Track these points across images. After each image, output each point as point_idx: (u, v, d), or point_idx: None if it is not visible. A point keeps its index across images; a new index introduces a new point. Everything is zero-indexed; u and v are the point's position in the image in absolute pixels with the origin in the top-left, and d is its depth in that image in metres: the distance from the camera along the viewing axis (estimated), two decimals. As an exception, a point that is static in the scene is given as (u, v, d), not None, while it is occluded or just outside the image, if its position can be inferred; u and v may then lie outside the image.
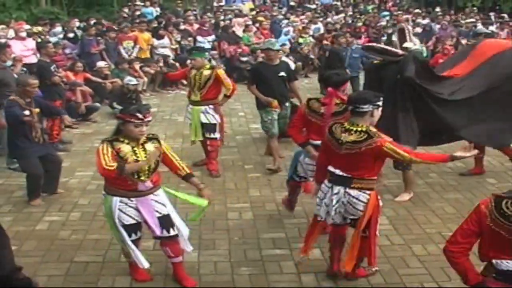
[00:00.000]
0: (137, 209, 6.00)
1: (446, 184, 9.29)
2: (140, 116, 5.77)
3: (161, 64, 17.52)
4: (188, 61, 14.14)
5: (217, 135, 9.98)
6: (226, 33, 20.18)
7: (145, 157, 5.91)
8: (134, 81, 14.57)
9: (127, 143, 5.90)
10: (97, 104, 14.39)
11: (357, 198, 5.85)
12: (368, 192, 5.86)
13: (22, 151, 8.49)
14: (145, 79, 16.79)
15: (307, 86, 17.21)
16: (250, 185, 9.46)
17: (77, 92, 13.62)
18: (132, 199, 5.98)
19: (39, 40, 14.98)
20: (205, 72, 9.72)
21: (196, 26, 20.78)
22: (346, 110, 6.43)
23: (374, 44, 9.72)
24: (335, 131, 5.92)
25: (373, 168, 5.89)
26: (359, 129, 5.77)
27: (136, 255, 6.04)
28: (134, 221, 6.01)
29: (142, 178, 5.95)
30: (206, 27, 20.50)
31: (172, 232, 6.12)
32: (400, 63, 8.35)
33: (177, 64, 17.47)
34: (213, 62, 17.56)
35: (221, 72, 10.02)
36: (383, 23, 23.85)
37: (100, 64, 15.89)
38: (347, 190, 5.88)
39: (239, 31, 20.86)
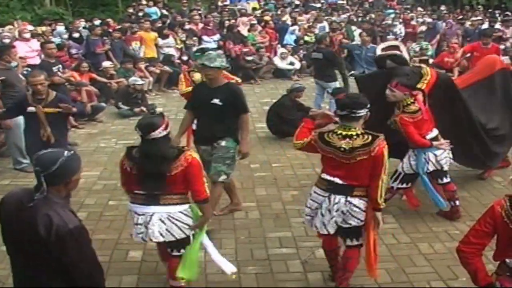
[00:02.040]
0: None
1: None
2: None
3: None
4: (191, 61, 14.20)
5: None
6: (232, 32, 20.18)
7: None
8: (139, 81, 14.60)
9: None
10: (103, 104, 14.40)
11: (358, 207, 5.65)
12: (366, 199, 5.67)
13: (28, 148, 8.47)
14: (151, 78, 16.81)
15: (312, 85, 17.12)
16: (256, 184, 9.46)
17: (82, 92, 13.63)
18: None
19: (43, 40, 15.00)
20: None
21: (201, 25, 20.79)
22: None
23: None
24: (330, 139, 5.64)
25: (369, 175, 5.59)
26: (358, 132, 5.57)
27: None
28: None
29: None
30: (211, 27, 20.50)
31: None
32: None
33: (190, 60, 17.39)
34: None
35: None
36: (389, 21, 23.82)
37: (106, 64, 15.91)
38: (349, 199, 5.64)
39: (244, 30, 20.86)
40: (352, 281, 6.22)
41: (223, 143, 7.56)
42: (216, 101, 7.40)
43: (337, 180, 5.67)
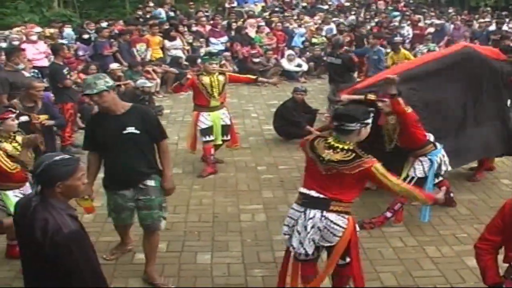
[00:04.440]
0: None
1: (460, 185, 9.22)
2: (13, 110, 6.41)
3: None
4: (199, 62, 14.34)
5: (229, 137, 10.24)
6: (239, 34, 20.18)
7: (21, 146, 6.61)
8: (147, 83, 14.60)
9: (5, 141, 6.57)
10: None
11: (335, 223, 5.23)
12: (346, 216, 5.29)
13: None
14: (158, 80, 16.82)
15: (320, 87, 17.17)
16: (263, 187, 9.43)
17: (90, 94, 13.63)
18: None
19: (51, 42, 15.03)
20: (219, 77, 9.81)
21: (208, 27, 20.81)
22: None
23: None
24: (317, 146, 5.32)
25: (352, 192, 5.30)
26: (346, 147, 5.20)
27: None
28: None
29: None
30: (218, 29, 20.50)
31: None
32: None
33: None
34: (226, 64, 17.63)
35: (230, 73, 10.63)
36: (396, 23, 23.81)
37: (113, 66, 15.91)
38: (325, 214, 5.23)
39: (251, 32, 20.86)
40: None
41: (151, 182, 6.22)
42: (131, 129, 5.97)
43: (312, 193, 5.31)
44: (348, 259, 5.48)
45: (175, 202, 8.51)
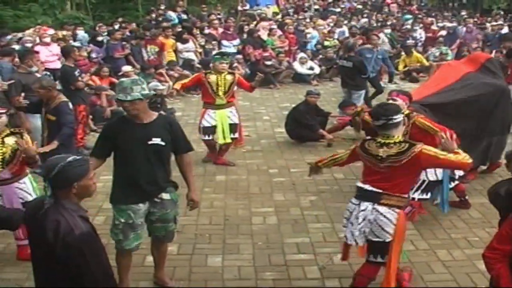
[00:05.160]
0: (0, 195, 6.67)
1: (472, 189, 9.15)
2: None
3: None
4: (198, 65, 14.56)
5: (237, 134, 10.58)
6: (252, 37, 20.18)
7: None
8: (160, 86, 14.65)
9: None
10: (122, 109, 14.42)
11: (385, 216, 5.50)
12: (397, 210, 5.53)
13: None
14: (171, 83, 16.82)
15: (332, 90, 17.15)
16: (274, 190, 9.43)
17: (102, 97, 13.70)
18: None
19: (64, 45, 15.09)
20: (227, 77, 10.14)
21: (220, 30, 20.83)
22: None
23: None
24: (369, 147, 5.64)
25: (406, 184, 5.63)
26: (396, 141, 5.54)
27: None
28: None
29: None
30: (231, 31, 20.51)
31: None
32: None
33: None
34: (238, 67, 17.64)
35: (241, 77, 10.80)
36: (408, 26, 23.77)
37: (126, 68, 15.95)
38: (376, 206, 5.54)
39: (264, 35, 20.86)
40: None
41: (167, 196, 6.02)
42: (156, 140, 5.77)
43: (366, 186, 5.64)
44: (380, 259, 5.67)
45: (186, 205, 8.54)
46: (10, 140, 6.65)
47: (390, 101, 7.07)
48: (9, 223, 4.91)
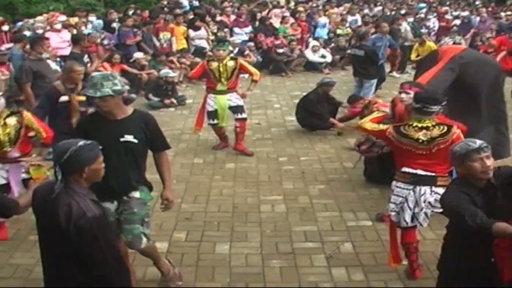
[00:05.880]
0: (7, 172, 6.90)
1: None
2: None
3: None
4: (210, 52, 14.61)
5: (244, 115, 10.54)
6: (264, 25, 20.13)
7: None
8: (171, 73, 14.70)
9: None
10: (133, 95, 14.40)
11: None
12: None
13: (56, 137, 8.48)
14: (182, 70, 16.84)
15: (343, 79, 17.09)
16: (283, 178, 9.43)
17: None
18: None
19: (75, 31, 15.11)
20: (229, 63, 10.20)
21: (233, 17, 20.79)
22: None
23: None
24: (407, 132, 5.89)
25: (446, 165, 5.82)
26: (433, 123, 5.86)
27: None
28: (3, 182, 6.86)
29: (5, 149, 6.78)
30: (243, 19, 20.47)
31: None
32: None
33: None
34: (250, 54, 17.63)
35: (243, 62, 10.73)
36: (422, 15, 23.63)
37: (138, 55, 15.99)
38: (433, 189, 5.87)
39: (276, 22, 20.79)
40: (376, 277, 6.25)
41: (136, 194, 5.68)
42: (129, 138, 5.46)
43: (419, 171, 5.89)
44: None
45: (195, 192, 8.57)
46: (12, 120, 6.80)
47: (403, 94, 7.04)
48: (7, 211, 4.69)
